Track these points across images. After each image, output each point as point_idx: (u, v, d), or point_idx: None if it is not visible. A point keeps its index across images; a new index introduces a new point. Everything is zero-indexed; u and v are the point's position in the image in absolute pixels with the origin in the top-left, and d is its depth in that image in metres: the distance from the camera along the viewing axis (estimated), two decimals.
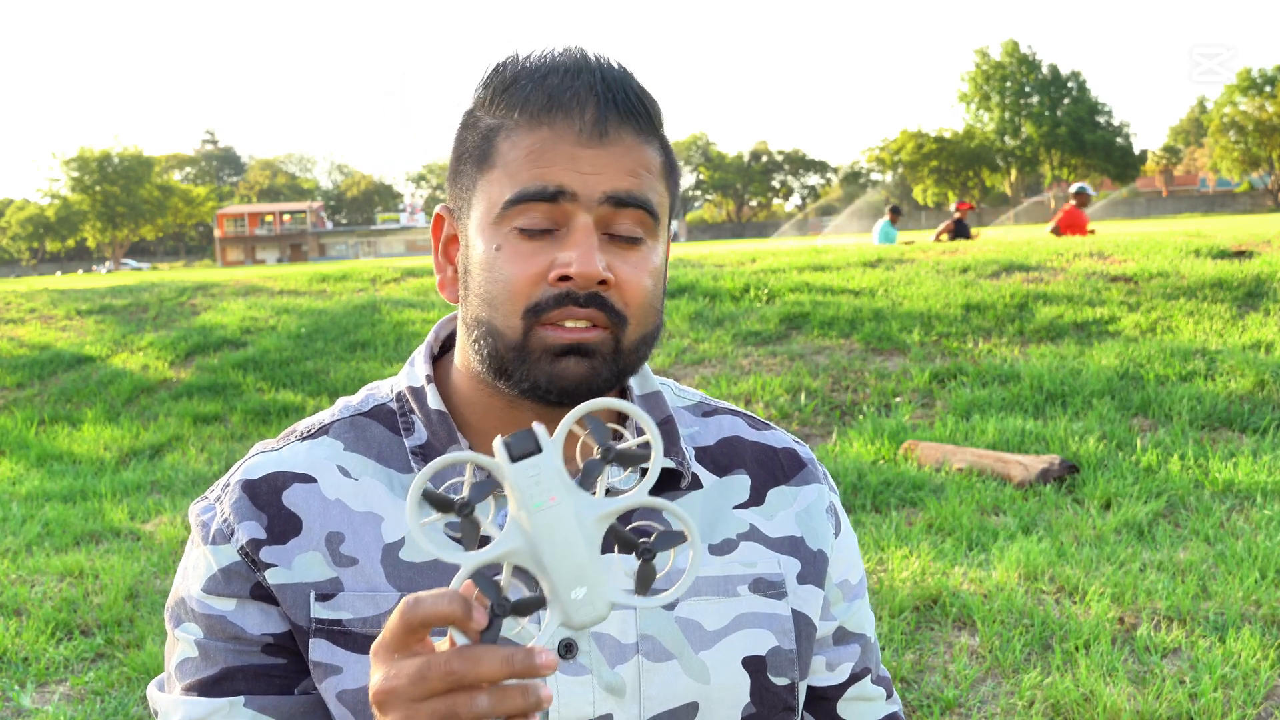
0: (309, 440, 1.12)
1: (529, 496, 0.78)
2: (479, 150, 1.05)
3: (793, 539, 1.15)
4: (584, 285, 0.99)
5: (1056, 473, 5.86)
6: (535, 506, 0.78)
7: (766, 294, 10.19)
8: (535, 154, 1.01)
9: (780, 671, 1.10)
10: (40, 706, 3.96)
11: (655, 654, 1.06)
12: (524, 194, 1.00)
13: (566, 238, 1.01)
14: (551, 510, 0.78)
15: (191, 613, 1.07)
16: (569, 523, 0.78)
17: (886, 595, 4.38)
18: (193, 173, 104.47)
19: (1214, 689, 3.51)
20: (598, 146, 1.01)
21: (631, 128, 1.03)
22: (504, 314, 1.01)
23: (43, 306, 13.52)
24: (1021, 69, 69.93)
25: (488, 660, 0.76)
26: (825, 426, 7.41)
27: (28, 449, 8.71)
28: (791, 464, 1.19)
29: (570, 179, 1.00)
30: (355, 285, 13.21)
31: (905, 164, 73.88)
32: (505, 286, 1.01)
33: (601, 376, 1.02)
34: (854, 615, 1.20)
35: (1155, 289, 9.24)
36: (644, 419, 0.80)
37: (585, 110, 1.01)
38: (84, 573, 5.35)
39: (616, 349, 1.02)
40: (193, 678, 1.05)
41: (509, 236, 1.01)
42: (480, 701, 0.76)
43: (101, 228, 75.34)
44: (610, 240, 1.02)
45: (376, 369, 9.73)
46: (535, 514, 0.78)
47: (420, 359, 1.15)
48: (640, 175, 1.02)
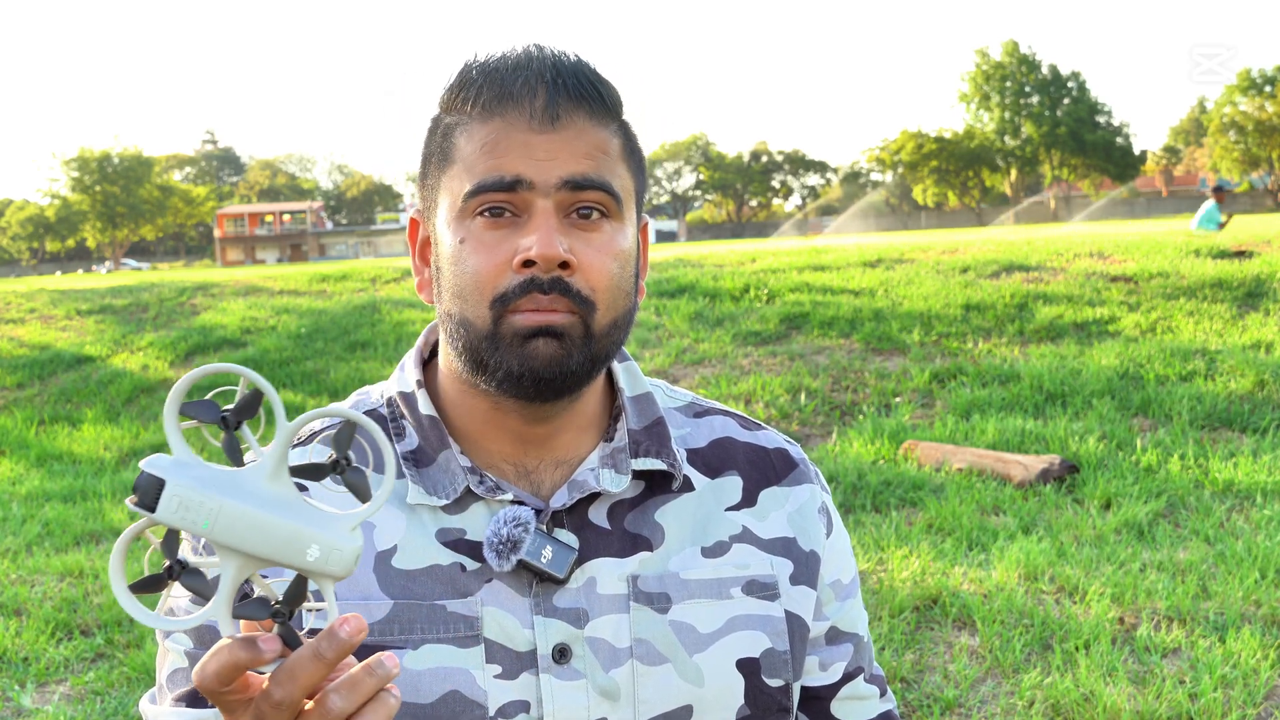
0: (299, 447, 1.12)
1: (194, 522, 0.74)
2: (440, 150, 1.07)
3: (785, 540, 1.15)
4: (546, 268, 0.99)
5: (1056, 473, 5.86)
6: (205, 526, 0.75)
7: (766, 294, 10.19)
8: (489, 145, 1.02)
9: (774, 673, 1.10)
10: (40, 706, 3.96)
11: (649, 657, 1.06)
12: (482, 185, 1.01)
13: (527, 224, 1.01)
14: (221, 516, 0.75)
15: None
16: (245, 512, 0.75)
17: (886, 595, 4.37)
18: (193, 173, 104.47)
19: (1214, 689, 3.51)
20: (550, 132, 1.01)
21: (584, 111, 1.03)
22: (473, 304, 1.02)
23: (43, 306, 13.52)
24: (1021, 69, 69.93)
25: (300, 667, 0.75)
26: (825, 426, 7.41)
27: (28, 449, 8.71)
28: (783, 464, 1.19)
29: (525, 166, 1.00)
30: (355, 285, 13.21)
31: (905, 164, 73.84)
32: (472, 277, 1.02)
33: (574, 359, 1.02)
34: (846, 615, 1.19)
35: (1155, 289, 9.24)
36: (231, 368, 0.76)
37: (535, 98, 1.02)
38: (84, 573, 5.35)
39: (587, 333, 1.02)
40: (182, 688, 1.05)
41: (472, 228, 1.02)
42: (334, 703, 0.76)
43: (101, 228, 75.34)
44: (572, 224, 1.02)
45: (376, 369, 9.73)
46: (213, 531, 0.75)
47: (410, 363, 1.15)
48: (597, 158, 1.03)
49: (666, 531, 1.10)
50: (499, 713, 1.01)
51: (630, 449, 1.10)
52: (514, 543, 1.02)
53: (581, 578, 1.05)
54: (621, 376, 1.16)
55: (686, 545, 1.10)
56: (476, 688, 1.01)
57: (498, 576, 1.04)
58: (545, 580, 1.04)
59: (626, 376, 1.16)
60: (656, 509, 1.11)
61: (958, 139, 72.31)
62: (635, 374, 1.17)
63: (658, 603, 1.07)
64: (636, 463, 1.09)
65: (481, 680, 1.02)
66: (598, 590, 1.06)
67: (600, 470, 1.09)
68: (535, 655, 1.03)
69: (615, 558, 1.07)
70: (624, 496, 1.10)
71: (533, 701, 1.02)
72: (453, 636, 1.02)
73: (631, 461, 1.09)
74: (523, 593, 1.04)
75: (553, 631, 1.03)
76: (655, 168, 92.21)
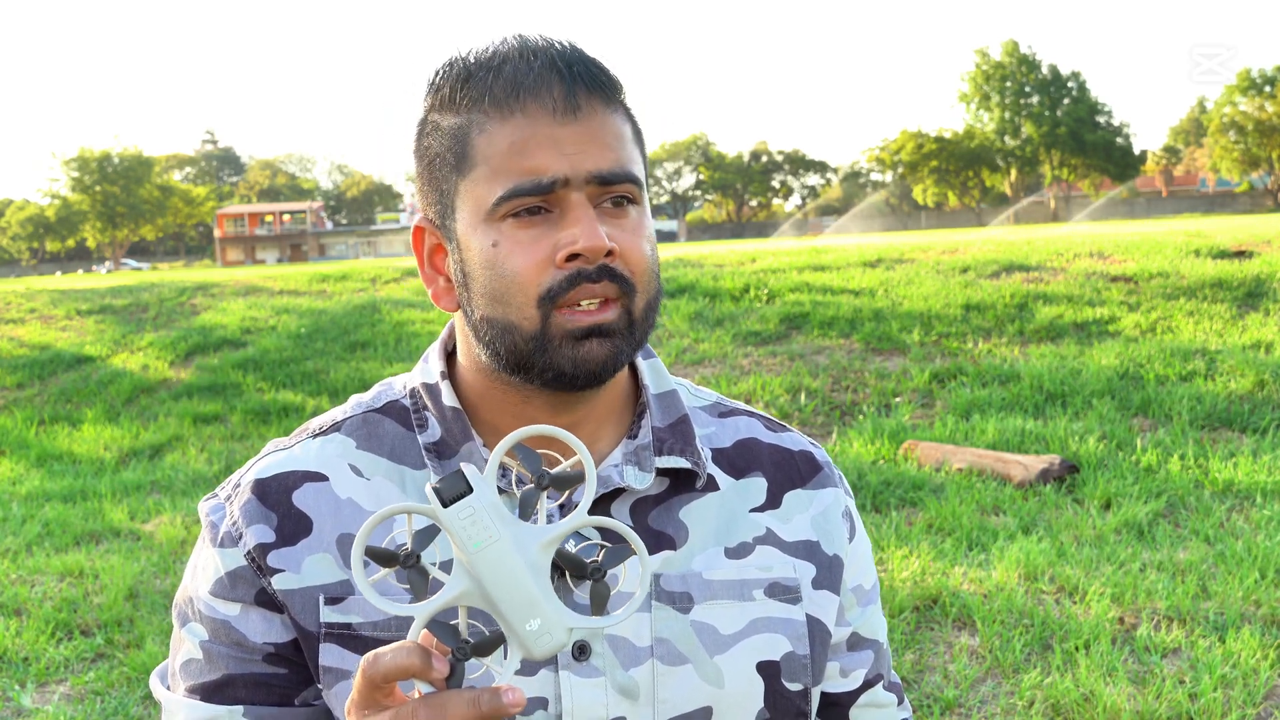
0: (320, 437, 1.11)
1: (468, 538, 0.78)
2: (453, 153, 1.03)
3: (809, 543, 1.14)
4: (593, 259, 0.99)
5: (1056, 473, 5.86)
6: (475, 547, 0.78)
7: (766, 294, 10.19)
8: (517, 144, 0.99)
9: (794, 677, 1.10)
10: (40, 706, 3.96)
11: (670, 657, 1.05)
12: (519, 189, 0.99)
13: (563, 218, 1.00)
14: (492, 548, 0.78)
15: (198, 613, 1.07)
16: (512, 557, 0.78)
17: (886, 595, 4.37)
18: (193, 173, 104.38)
19: (1214, 689, 3.51)
20: (574, 123, 1.00)
21: (600, 98, 1.02)
22: (518, 306, 1.00)
23: (43, 306, 13.52)
24: (1021, 69, 69.86)
25: (454, 705, 0.77)
26: (825, 426, 7.41)
27: (28, 449, 8.71)
28: (808, 467, 1.18)
29: (558, 164, 0.99)
30: (355, 285, 13.21)
31: (905, 164, 73.77)
32: (513, 279, 1.00)
33: (624, 354, 1.02)
34: (868, 621, 1.19)
35: (1155, 289, 9.24)
36: (573, 441, 0.80)
37: (553, 89, 1.00)
38: (84, 573, 5.35)
39: (630, 322, 1.02)
40: (195, 680, 1.05)
41: (504, 229, 1.00)
42: None
43: (101, 228, 75.28)
44: (604, 212, 1.02)
45: (376, 369, 9.73)
46: (476, 554, 0.78)
47: (434, 355, 1.14)
48: (618, 147, 1.02)
49: (690, 531, 1.09)
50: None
51: (654, 446, 1.09)
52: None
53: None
54: (646, 373, 1.15)
55: (710, 545, 1.09)
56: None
57: None
58: None
59: (651, 374, 1.15)
60: (680, 508, 1.10)
61: (958, 139, 72.27)
62: (660, 371, 1.16)
63: (680, 602, 1.06)
64: (660, 460, 1.09)
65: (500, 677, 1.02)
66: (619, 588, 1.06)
67: (624, 467, 1.08)
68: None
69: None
70: (647, 494, 1.09)
71: (551, 699, 1.01)
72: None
73: (655, 459, 1.09)
74: None
75: None
76: (655, 168, 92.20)
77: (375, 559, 0.79)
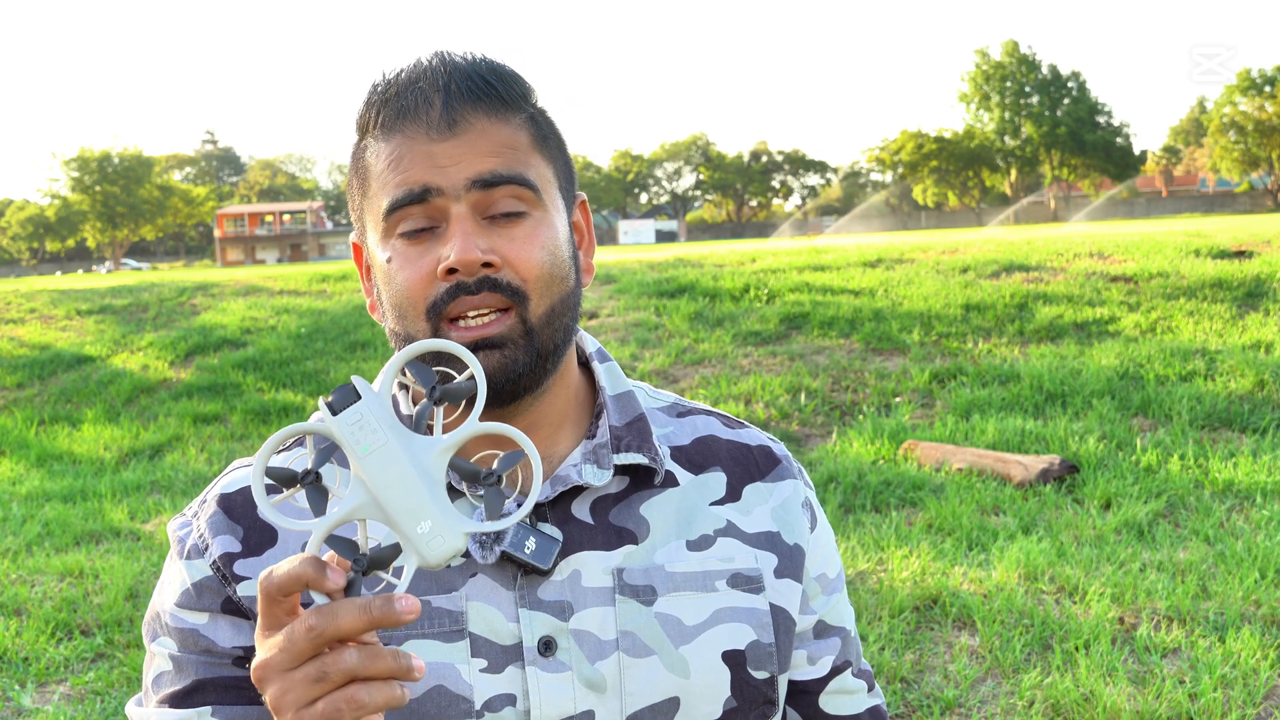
0: (284, 452, 1.14)
1: (356, 443, 0.79)
2: (357, 175, 1.10)
3: (769, 534, 1.16)
4: (469, 271, 1.02)
5: (1056, 473, 5.87)
6: (364, 451, 0.79)
7: (766, 294, 10.19)
8: (394, 160, 1.04)
9: (760, 665, 1.11)
10: (40, 706, 3.96)
11: (635, 650, 1.06)
12: (395, 202, 1.03)
13: (445, 233, 1.03)
14: (380, 452, 0.79)
15: (166, 627, 1.09)
16: (400, 460, 0.79)
17: (886, 595, 4.38)
18: (193, 173, 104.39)
19: (1214, 689, 3.51)
20: (450, 138, 1.03)
21: (483, 110, 1.05)
22: (411, 319, 1.04)
23: (43, 306, 13.53)
24: (1021, 69, 69.90)
25: (345, 611, 0.78)
26: (825, 426, 7.41)
27: (28, 449, 8.71)
28: (767, 461, 1.21)
29: (431, 175, 1.03)
30: (355, 285, 13.20)
31: (905, 164, 73.80)
32: (404, 293, 1.04)
33: (520, 362, 1.04)
34: (833, 609, 1.21)
35: (1155, 289, 9.25)
36: (463, 353, 0.82)
37: (431, 108, 1.04)
38: (84, 573, 5.35)
39: (526, 329, 1.04)
40: (166, 690, 1.07)
41: (396, 245, 1.05)
42: (348, 658, 0.78)
43: (101, 228, 75.29)
44: (492, 222, 1.04)
45: (376, 369, 9.73)
46: (365, 459, 0.79)
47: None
48: (503, 154, 1.04)
49: (651, 525, 1.11)
50: (485, 706, 1.02)
51: (612, 444, 1.11)
52: (496, 534, 1.03)
53: (566, 570, 1.06)
54: (603, 376, 1.17)
55: (672, 539, 1.11)
56: (462, 682, 1.02)
57: (482, 570, 1.05)
58: (530, 573, 1.05)
59: (608, 376, 1.17)
60: (641, 503, 1.12)
61: (958, 139, 72.29)
62: (616, 374, 1.18)
63: (643, 595, 1.08)
64: (618, 457, 1.11)
65: (467, 674, 1.02)
66: (582, 583, 1.07)
67: (582, 465, 1.10)
68: (521, 648, 1.04)
69: (600, 551, 1.08)
70: (607, 491, 1.11)
71: (519, 694, 1.03)
72: (437, 631, 1.03)
73: (614, 456, 1.11)
74: (507, 586, 1.05)
75: (538, 624, 1.04)
76: (655, 168, 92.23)
77: (276, 480, 0.81)
